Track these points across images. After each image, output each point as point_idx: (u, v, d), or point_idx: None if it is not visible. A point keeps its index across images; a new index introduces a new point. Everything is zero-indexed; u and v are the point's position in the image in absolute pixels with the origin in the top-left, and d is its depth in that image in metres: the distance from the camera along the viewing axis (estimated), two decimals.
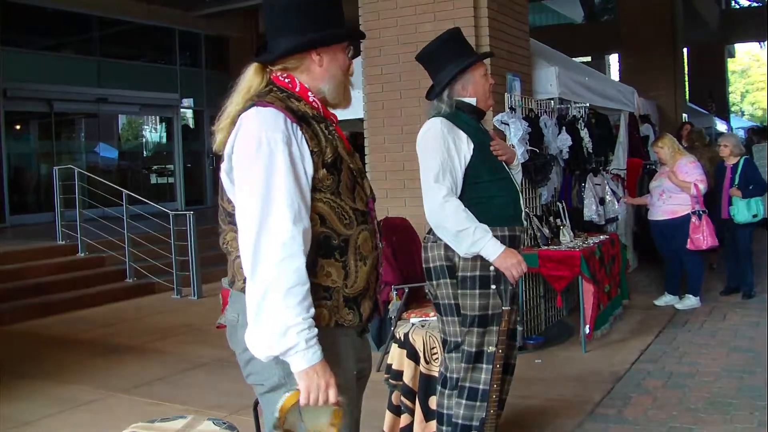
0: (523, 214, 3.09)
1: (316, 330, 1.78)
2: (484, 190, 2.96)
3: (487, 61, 4.39)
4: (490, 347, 2.95)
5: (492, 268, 2.90)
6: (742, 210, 6.79)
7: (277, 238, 1.76)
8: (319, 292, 1.85)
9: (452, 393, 3.05)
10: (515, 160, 3.15)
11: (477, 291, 2.93)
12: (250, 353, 1.88)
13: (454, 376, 3.04)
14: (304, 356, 1.77)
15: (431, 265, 3.04)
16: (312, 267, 1.82)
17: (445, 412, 3.08)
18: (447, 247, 2.97)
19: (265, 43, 2.05)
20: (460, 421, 3.00)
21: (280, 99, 1.90)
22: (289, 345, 1.75)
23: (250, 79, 1.99)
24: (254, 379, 1.94)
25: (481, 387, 2.97)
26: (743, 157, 7.02)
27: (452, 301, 3.00)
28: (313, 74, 2.00)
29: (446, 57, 3.05)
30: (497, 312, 2.94)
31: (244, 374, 1.97)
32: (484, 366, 2.96)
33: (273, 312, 1.75)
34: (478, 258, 2.91)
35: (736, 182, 6.84)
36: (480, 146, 2.98)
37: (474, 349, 2.97)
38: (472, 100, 3.04)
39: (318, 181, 1.87)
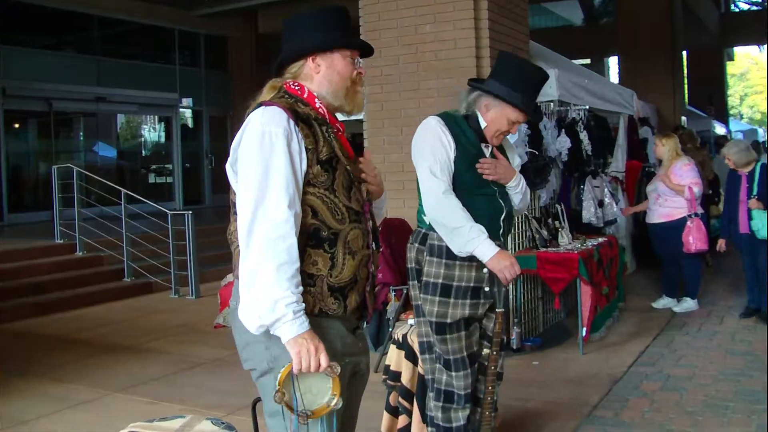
0: (503, 230, 2.97)
1: (303, 305, 1.93)
2: None
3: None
4: (457, 355, 2.94)
5: (485, 270, 2.89)
6: (767, 224, 5.85)
7: (272, 218, 1.91)
8: (303, 279, 1.98)
9: (431, 395, 3.09)
10: (514, 180, 2.99)
11: (437, 298, 2.93)
12: (245, 337, 2.02)
13: (429, 377, 3.08)
14: (291, 326, 1.89)
15: (408, 266, 3.10)
16: (300, 255, 1.95)
17: (428, 413, 3.14)
18: (419, 251, 3.00)
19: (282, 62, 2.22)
20: (440, 423, 3.03)
21: (287, 102, 2.07)
22: (278, 316, 1.89)
23: (264, 94, 2.15)
24: (249, 365, 2.07)
25: (455, 391, 2.98)
26: (759, 163, 6.06)
27: (420, 303, 3.04)
28: (313, 80, 2.16)
29: (508, 77, 2.89)
30: (455, 321, 2.92)
31: (242, 360, 2.09)
32: (453, 373, 2.97)
33: (263, 286, 1.89)
34: (442, 266, 2.91)
35: (755, 193, 5.94)
36: (463, 157, 2.90)
37: (439, 353, 2.99)
38: (482, 124, 2.94)
39: (312, 176, 2.01)
